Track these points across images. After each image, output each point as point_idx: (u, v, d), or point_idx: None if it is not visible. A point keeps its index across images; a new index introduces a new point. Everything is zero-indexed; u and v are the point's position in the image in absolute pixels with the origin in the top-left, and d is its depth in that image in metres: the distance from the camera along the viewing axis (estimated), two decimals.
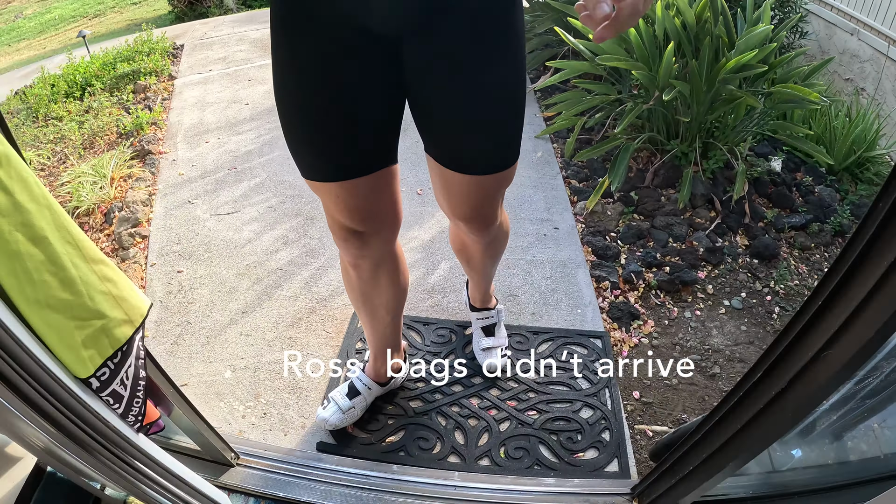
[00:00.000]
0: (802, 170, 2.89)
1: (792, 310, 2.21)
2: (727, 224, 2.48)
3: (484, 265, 1.53)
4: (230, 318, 1.97)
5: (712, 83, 2.42)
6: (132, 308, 0.96)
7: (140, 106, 3.49)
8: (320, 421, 1.56)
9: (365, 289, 1.36)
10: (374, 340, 1.53)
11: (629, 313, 2.02)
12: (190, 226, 2.40)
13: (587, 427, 1.60)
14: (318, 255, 2.19)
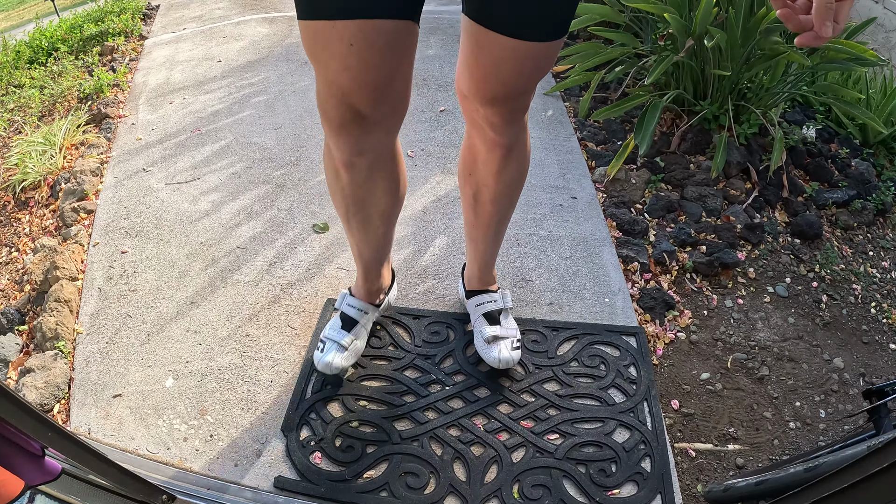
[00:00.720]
0: (836, 141, 2.44)
1: (840, 298, 1.79)
2: (765, 197, 2.04)
3: (496, 198, 1.17)
4: (176, 309, 1.52)
5: (751, 35, 1.96)
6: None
7: (105, 68, 3.00)
8: (323, 366, 1.25)
9: (359, 194, 1.09)
10: (365, 255, 1.25)
11: (663, 302, 1.59)
12: (141, 197, 1.94)
13: (623, 454, 1.17)
14: (287, 229, 1.73)
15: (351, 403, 1.24)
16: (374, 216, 1.15)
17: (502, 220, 1.24)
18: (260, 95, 2.42)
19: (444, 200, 1.84)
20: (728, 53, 2.00)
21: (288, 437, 1.19)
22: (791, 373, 1.57)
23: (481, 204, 1.19)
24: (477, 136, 1.09)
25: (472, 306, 1.38)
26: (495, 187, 1.14)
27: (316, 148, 2.08)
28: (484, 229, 1.24)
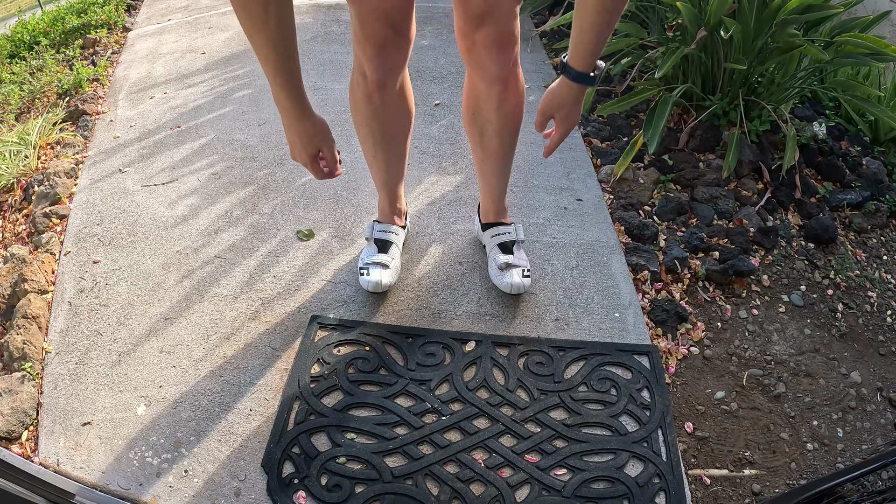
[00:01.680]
0: (846, 138, 2.32)
1: (856, 307, 1.68)
2: (777, 198, 1.92)
3: (499, 131, 1.29)
4: (149, 326, 1.39)
5: (764, 27, 1.83)
6: None
7: (86, 62, 2.85)
8: (373, 286, 1.37)
9: (388, 116, 1.27)
10: (391, 179, 1.42)
11: (675, 314, 1.47)
12: (116, 201, 1.80)
13: (636, 490, 1.05)
14: (269, 236, 1.59)
15: (337, 436, 1.11)
16: (398, 136, 1.33)
17: (507, 152, 1.35)
18: (244, 89, 2.27)
19: (440, 203, 1.70)
20: (741, 46, 1.87)
21: (269, 474, 1.07)
22: (808, 389, 1.46)
23: (487, 139, 1.31)
24: (476, 75, 1.21)
25: (487, 238, 1.49)
26: (498, 121, 1.26)
27: None
28: (492, 162, 1.36)
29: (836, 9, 1.80)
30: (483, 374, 1.21)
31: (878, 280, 1.78)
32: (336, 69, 2.37)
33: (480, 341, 1.28)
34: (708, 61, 1.96)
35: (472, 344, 1.28)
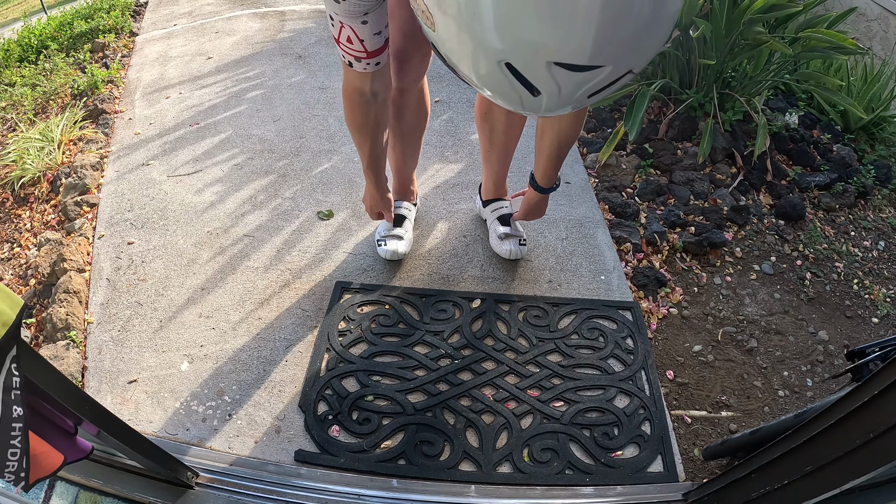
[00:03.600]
0: (818, 127, 2.54)
1: (823, 276, 1.88)
2: (749, 181, 2.13)
3: (507, 129, 1.50)
4: (188, 296, 1.57)
5: (734, 25, 2.04)
6: None
7: (97, 65, 3.02)
8: (390, 255, 1.59)
9: (408, 116, 1.46)
10: (407, 166, 1.63)
11: (655, 279, 1.66)
12: (144, 190, 1.97)
13: (624, 418, 1.25)
14: (292, 217, 1.78)
15: (365, 379, 1.30)
16: (416, 132, 1.54)
17: (511, 144, 1.56)
18: (256, 90, 2.46)
19: (444, 187, 1.90)
20: (713, 43, 2.08)
21: (306, 413, 1.25)
22: (778, 345, 1.65)
23: (496, 135, 1.52)
24: None
25: (488, 212, 1.71)
26: (506, 121, 1.47)
27: (316, 139, 2.13)
28: (497, 153, 1.58)
29: (796, 7, 2.01)
30: (488, 325, 1.41)
31: (845, 252, 1.99)
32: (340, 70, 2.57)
33: (485, 299, 1.48)
34: (684, 58, 2.17)
35: (477, 301, 1.47)
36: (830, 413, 0.75)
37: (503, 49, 0.59)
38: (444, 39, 0.65)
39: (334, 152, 2.04)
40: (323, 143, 2.09)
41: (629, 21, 0.57)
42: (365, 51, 1.05)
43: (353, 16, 0.98)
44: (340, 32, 1.03)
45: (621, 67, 0.62)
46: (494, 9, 0.56)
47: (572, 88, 0.62)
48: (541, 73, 0.60)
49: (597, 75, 0.61)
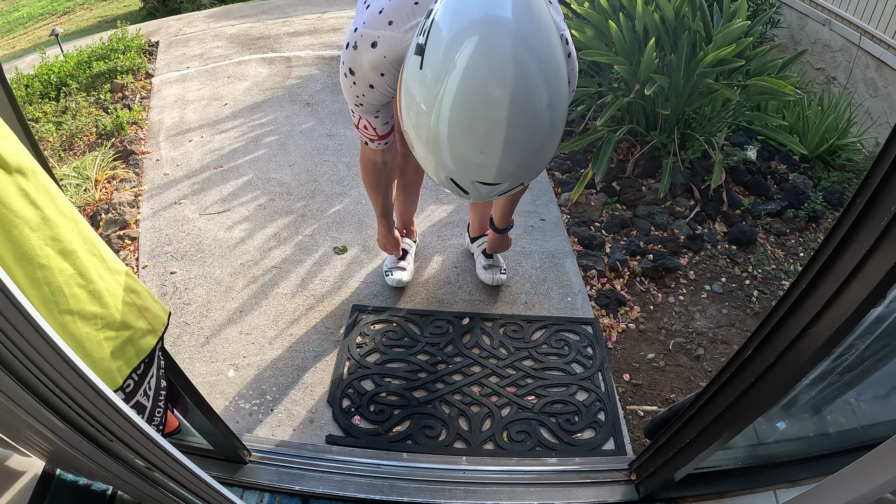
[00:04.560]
0: (777, 158, 3.02)
1: (770, 293, 2.34)
2: (706, 212, 2.60)
3: None
4: (228, 317, 2.02)
5: (690, 76, 2.52)
6: (154, 318, 1.01)
7: (119, 105, 3.48)
8: (395, 283, 2.06)
9: (409, 176, 1.94)
10: (409, 211, 2.11)
11: (616, 300, 2.12)
12: (179, 226, 2.43)
13: (583, 409, 1.70)
14: (312, 252, 2.25)
15: (379, 380, 1.75)
16: (415, 185, 2.00)
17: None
18: (271, 135, 2.94)
19: (438, 226, 2.38)
20: (673, 92, 2.56)
21: (333, 407, 1.70)
22: (724, 352, 2.10)
23: None
24: None
25: (474, 247, 2.18)
26: None
27: (328, 182, 2.61)
28: (482, 204, 2.05)
29: (739, 62, 2.49)
30: (475, 338, 1.87)
31: (792, 272, 2.45)
32: (346, 118, 3.06)
33: (472, 317, 1.94)
34: (649, 106, 2.66)
35: (466, 319, 1.94)
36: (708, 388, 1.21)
37: (450, 169, 1.04)
38: (416, 153, 1.10)
39: (345, 195, 2.52)
40: (334, 186, 2.57)
41: (521, 155, 1.01)
42: (377, 135, 1.52)
43: (368, 112, 1.44)
44: (359, 122, 1.49)
45: (516, 182, 1.08)
46: (449, 149, 1.00)
47: (486, 192, 1.08)
48: (468, 185, 1.06)
49: (501, 187, 1.07)
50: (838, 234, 0.84)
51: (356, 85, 1.34)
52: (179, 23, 4.74)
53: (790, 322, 0.98)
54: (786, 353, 1.00)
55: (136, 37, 4.32)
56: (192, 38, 4.27)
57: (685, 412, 1.33)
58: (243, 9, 4.79)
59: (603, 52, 2.49)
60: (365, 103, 1.38)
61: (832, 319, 0.89)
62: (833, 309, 0.89)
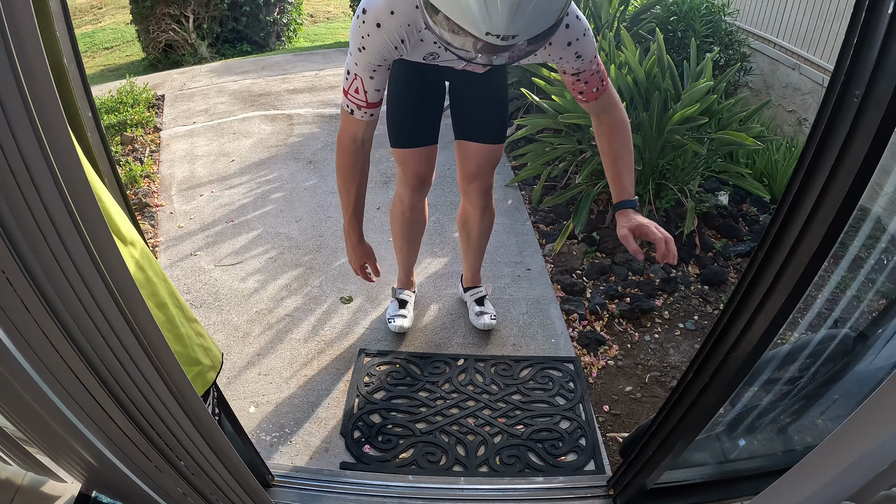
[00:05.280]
0: (748, 201, 3.42)
1: None
2: (680, 256, 2.97)
3: (479, 235, 2.32)
4: (247, 360, 2.36)
5: (661, 132, 2.92)
6: (214, 357, 1.35)
7: (130, 157, 3.85)
8: (397, 328, 2.42)
9: (414, 227, 2.28)
10: (409, 261, 2.45)
11: (596, 340, 2.47)
12: (196, 276, 2.78)
13: (566, 436, 2.03)
14: (321, 302, 2.60)
15: (385, 414, 2.09)
16: (417, 235, 2.34)
17: (483, 246, 2.39)
18: (278, 192, 3.32)
19: (434, 276, 2.74)
20: (645, 147, 2.95)
21: (345, 438, 2.03)
22: None
23: (472, 239, 2.34)
24: (468, 204, 2.24)
25: (467, 296, 2.53)
26: (478, 229, 2.29)
27: (332, 237, 2.98)
28: (473, 252, 2.40)
29: (703, 120, 2.89)
30: (469, 376, 2.21)
31: None
32: None
33: (466, 358, 2.29)
34: None
35: (461, 360, 2.28)
36: (662, 410, 1.55)
37: (473, 13, 1.18)
38: (440, 20, 1.25)
39: None
40: (338, 241, 2.93)
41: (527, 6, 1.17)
42: (366, 101, 1.66)
43: (366, 68, 1.58)
44: (351, 84, 1.63)
45: (527, 35, 1.22)
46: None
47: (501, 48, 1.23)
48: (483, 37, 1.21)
49: (517, 44, 1.23)
50: (746, 280, 1.21)
51: (365, 24, 1.51)
52: (183, 77, 5.16)
53: (718, 348, 1.34)
54: (716, 373, 1.36)
55: (144, 90, 4.72)
56: (197, 93, 4.68)
57: (648, 430, 1.68)
58: (243, 64, 5.22)
59: (581, 113, 2.89)
60: (368, 46, 1.54)
61: (746, 344, 1.26)
62: (746, 337, 1.25)
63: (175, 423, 1.06)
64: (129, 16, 7.58)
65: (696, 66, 3.19)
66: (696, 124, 2.92)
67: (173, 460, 1.18)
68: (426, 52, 1.66)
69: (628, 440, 1.89)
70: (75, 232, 0.73)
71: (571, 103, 2.95)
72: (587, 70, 1.66)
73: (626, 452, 1.95)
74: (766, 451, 1.98)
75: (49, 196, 0.69)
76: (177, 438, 1.10)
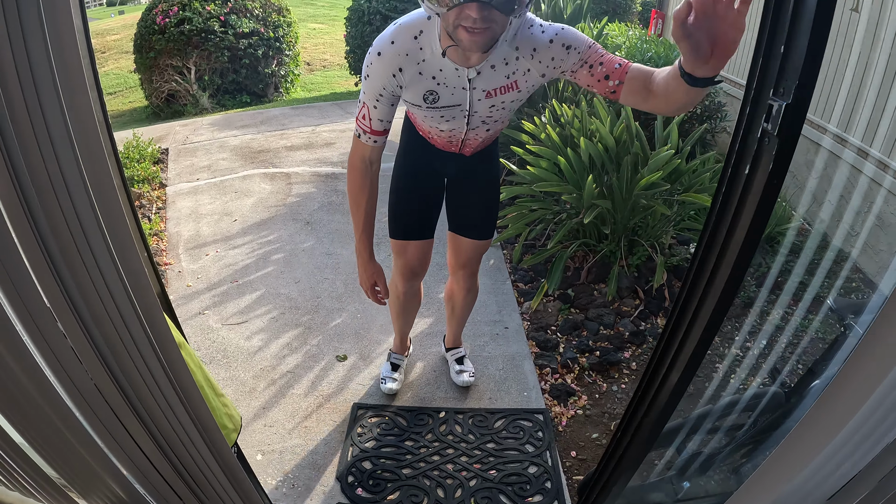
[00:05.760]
0: None
1: (703, 376, 3.12)
2: (649, 309, 3.40)
3: (463, 309, 2.73)
4: (254, 413, 2.79)
5: (630, 195, 3.37)
6: (236, 421, 1.79)
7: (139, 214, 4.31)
8: (388, 391, 2.82)
9: (409, 306, 2.65)
10: (405, 330, 2.85)
11: (566, 392, 2.90)
12: (206, 335, 3.22)
13: (534, 479, 2.45)
14: (319, 360, 3.03)
15: (375, 461, 2.51)
16: (413, 311, 2.71)
17: (465, 317, 2.81)
18: (278, 253, 3.77)
19: (420, 336, 3.18)
20: (616, 208, 3.40)
21: (341, 482, 2.45)
22: None
23: (456, 310, 2.73)
24: (455, 283, 2.62)
25: (449, 355, 2.94)
26: (462, 303, 2.68)
27: (328, 299, 3.42)
28: (455, 321, 2.81)
29: (665, 185, 3.34)
30: (450, 427, 2.64)
31: (727, 355, 3.22)
32: (341, 237, 3.91)
33: (447, 411, 2.72)
34: (596, 222, 3.50)
35: (443, 413, 2.71)
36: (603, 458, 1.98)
37: None
38: None
39: (343, 310, 3.33)
40: (334, 302, 3.38)
41: None
42: (370, 129, 1.93)
43: (371, 96, 1.86)
44: (360, 111, 1.91)
45: None
46: None
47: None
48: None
49: None
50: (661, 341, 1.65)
51: (370, 54, 1.83)
52: (186, 129, 5.66)
53: (643, 400, 1.77)
54: (637, 431, 1.79)
55: (150, 144, 5.20)
56: (200, 148, 5.17)
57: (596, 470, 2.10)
58: (243, 117, 5.72)
59: (554, 182, 3.34)
60: (371, 73, 1.83)
61: (661, 397, 1.69)
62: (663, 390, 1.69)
63: (211, 473, 1.50)
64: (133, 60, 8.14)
65: (662, 130, 3.65)
66: (659, 189, 3.37)
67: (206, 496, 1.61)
68: (426, 89, 1.89)
69: (584, 481, 2.31)
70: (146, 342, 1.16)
71: (546, 172, 3.41)
72: (592, 55, 1.76)
73: (581, 492, 2.37)
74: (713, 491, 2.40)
75: (129, 319, 1.12)
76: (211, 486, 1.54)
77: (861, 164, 3.82)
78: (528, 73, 1.87)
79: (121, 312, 1.06)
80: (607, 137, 3.48)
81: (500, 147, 4.06)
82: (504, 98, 1.93)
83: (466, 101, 1.93)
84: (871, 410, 0.94)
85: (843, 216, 4.03)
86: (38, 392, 1.03)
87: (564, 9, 4.58)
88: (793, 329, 3.20)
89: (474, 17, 1.55)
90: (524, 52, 1.82)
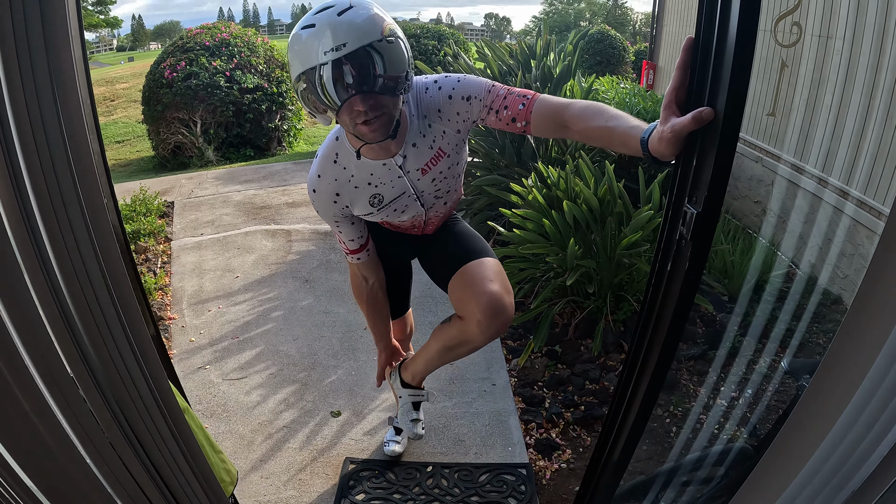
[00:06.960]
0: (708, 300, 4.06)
1: (686, 428, 3.31)
2: None
3: None
4: (251, 465, 3.00)
5: (615, 253, 3.61)
6: (232, 475, 2.02)
7: (144, 268, 4.58)
8: (391, 453, 2.94)
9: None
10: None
11: (551, 446, 3.10)
12: (207, 389, 3.45)
13: None
14: (314, 415, 3.26)
15: None
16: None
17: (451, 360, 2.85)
18: (277, 310, 4.02)
19: None
20: (601, 267, 3.63)
21: None
22: None
23: None
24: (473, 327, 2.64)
25: (406, 394, 2.72)
26: None
27: (325, 356, 3.66)
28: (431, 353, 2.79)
29: (645, 244, 3.57)
30: (436, 480, 2.85)
31: (712, 405, 3.41)
32: (338, 296, 4.16)
33: (434, 465, 2.93)
34: (582, 280, 3.73)
35: (430, 467, 2.92)
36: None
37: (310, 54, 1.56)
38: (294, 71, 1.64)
39: (338, 367, 3.56)
40: (330, 359, 3.62)
41: None
42: (348, 249, 2.14)
43: (332, 223, 2.05)
44: (336, 236, 2.14)
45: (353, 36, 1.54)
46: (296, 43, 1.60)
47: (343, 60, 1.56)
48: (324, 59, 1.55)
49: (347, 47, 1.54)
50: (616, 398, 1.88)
51: (309, 195, 2.00)
52: (191, 182, 5.97)
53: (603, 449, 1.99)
54: (602, 471, 2.01)
55: (156, 197, 5.50)
56: (204, 203, 5.46)
57: None
58: (247, 172, 6.04)
59: (540, 243, 3.59)
60: (318, 209, 2.02)
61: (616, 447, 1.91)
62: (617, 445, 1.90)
63: None
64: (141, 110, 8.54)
65: (644, 190, 3.90)
66: (640, 249, 3.61)
67: None
68: (369, 195, 1.98)
69: None
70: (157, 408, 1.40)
71: (531, 234, 3.66)
72: (494, 100, 1.80)
73: None
74: None
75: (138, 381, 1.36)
76: None
77: None
78: (446, 135, 1.92)
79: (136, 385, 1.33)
80: (591, 199, 3.73)
81: (490, 208, 4.33)
82: (439, 167, 1.99)
83: (408, 186, 2.00)
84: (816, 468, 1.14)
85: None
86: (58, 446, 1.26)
87: (554, 68, 4.90)
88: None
89: (362, 109, 1.61)
90: (432, 118, 1.89)
